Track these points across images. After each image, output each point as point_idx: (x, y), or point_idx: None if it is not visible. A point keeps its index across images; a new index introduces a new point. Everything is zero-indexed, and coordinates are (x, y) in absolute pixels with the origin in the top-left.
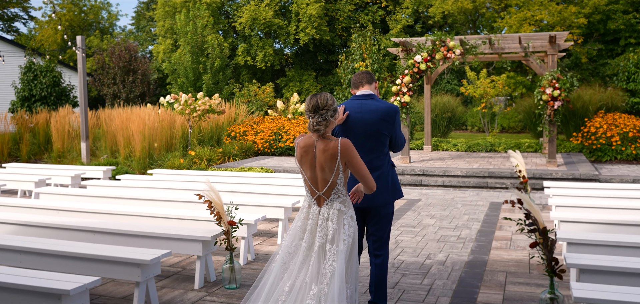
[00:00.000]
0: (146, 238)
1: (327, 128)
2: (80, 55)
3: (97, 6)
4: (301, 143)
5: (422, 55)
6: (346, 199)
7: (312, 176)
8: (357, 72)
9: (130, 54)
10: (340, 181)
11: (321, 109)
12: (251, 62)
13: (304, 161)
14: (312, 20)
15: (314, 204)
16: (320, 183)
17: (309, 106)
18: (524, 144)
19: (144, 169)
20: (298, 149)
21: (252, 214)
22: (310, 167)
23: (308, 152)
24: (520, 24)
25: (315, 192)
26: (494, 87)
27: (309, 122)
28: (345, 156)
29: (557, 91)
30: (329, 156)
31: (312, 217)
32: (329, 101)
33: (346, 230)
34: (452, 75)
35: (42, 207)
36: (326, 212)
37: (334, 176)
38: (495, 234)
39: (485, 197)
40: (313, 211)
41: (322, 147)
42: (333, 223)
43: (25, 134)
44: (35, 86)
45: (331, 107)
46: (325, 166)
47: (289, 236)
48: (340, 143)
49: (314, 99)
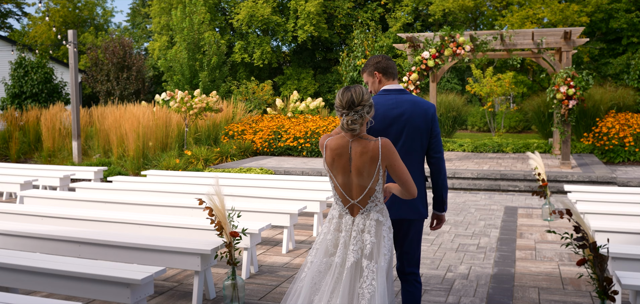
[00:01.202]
0: (138, 251)
1: (363, 127)
2: (72, 51)
3: (92, 2)
4: (332, 144)
5: (430, 51)
6: (384, 208)
7: (346, 182)
8: (385, 57)
9: (125, 50)
10: (379, 187)
11: (356, 105)
12: (248, 60)
13: (336, 165)
14: (311, 17)
15: (346, 213)
16: (355, 190)
17: (341, 102)
18: (532, 145)
19: (138, 170)
20: (328, 152)
21: (256, 222)
22: (344, 172)
23: (342, 156)
24: (521, 23)
25: (349, 201)
26: (500, 85)
27: (342, 120)
28: (388, 158)
29: (572, 89)
30: (368, 159)
31: (345, 229)
32: (364, 95)
33: (386, 243)
34: (452, 73)
35: (25, 213)
36: (361, 222)
37: (372, 182)
38: (516, 243)
39: (499, 200)
40: (346, 221)
41: (359, 149)
42: (371, 236)
43: (15, 132)
44: (25, 82)
45: (367, 103)
46: (364, 171)
47: (318, 251)
48: (381, 144)
49: (348, 93)
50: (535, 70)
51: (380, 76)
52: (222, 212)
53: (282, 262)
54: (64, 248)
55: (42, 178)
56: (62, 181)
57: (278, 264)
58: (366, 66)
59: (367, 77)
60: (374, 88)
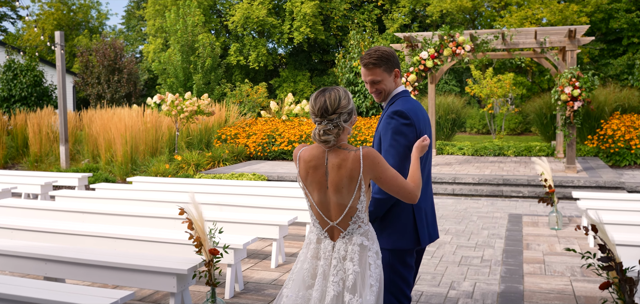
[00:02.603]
0: (109, 269)
1: (340, 137)
2: (59, 53)
3: (86, 5)
4: (305, 156)
5: (429, 51)
6: (369, 229)
7: (323, 200)
8: (392, 49)
9: (116, 53)
10: (362, 205)
11: (331, 113)
12: (244, 62)
13: (310, 180)
14: (307, 19)
15: (325, 237)
16: (333, 210)
17: (314, 108)
18: (534, 148)
19: (126, 175)
20: (301, 164)
21: (241, 236)
22: (320, 188)
23: (317, 169)
24: (520, 23)
25: (327, 222)
26: (500, 87)
27: (315, 129)
28: (372, 170)
29: (577, 90)
30: (347, 173)
31: (324, 256)
32: (342, 100)
33: (373, 272)
34: (451, 75)
35: None
36: (343, 248)
37: (353, 200)
38: (524, 255)
39: (502, 207)
40: (325, 247)
41: (337, 161)
42: (354, 264)
43: (2, 137)
44: (14, 85)
45: (345, 109)
46: (342, 187)
47: (294, 283)
48: (362, 155)
49: (322, 97)
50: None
51: (399, 74)
52: (201, 228)
53: (270, 278)
54: (29, 266)
55: (22, 186)
56: (43, 189)
57: (266, 280)
58: (380, 60)
59: (382, 73)
60: (388, 88)
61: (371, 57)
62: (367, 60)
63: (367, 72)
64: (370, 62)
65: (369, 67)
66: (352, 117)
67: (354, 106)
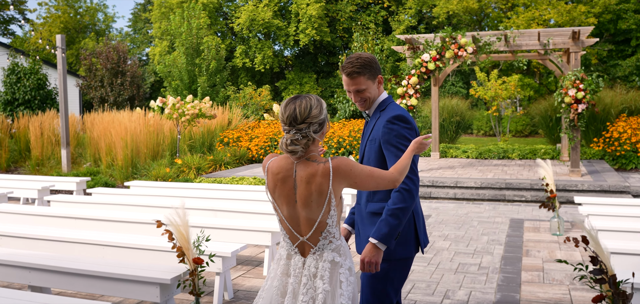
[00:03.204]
0: (93, 278)
1: (309, 149)
2: (60, 56)
3: (93, 8)
4: (273, 167)
5: (431, 53)
6: (341, 244)
7: (292, 215)
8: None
9: (119, 55)
10: (332, 219)
11: (300, 122)
12: (249, 65)
13: (278, 193)
14: (312, 21)
15: (296, 253)
16: (303, 225)
17: (283, 115)
18: (539, 151)
19: (127, 179)
20: (269, 176)
21: (230, 244)
22: (288, 201)
23: (285, 181)
24: (527, 24)
25: (297, 237)
26: (505, 89)
27: (282, 138)
28: (345, 180)
29: (581, 92)
30: (316, 187)
31: (294, 273)
32: (312, 109)
33: (344, 290)
34: (457, 76)
35: None
36: (314, 265)
37: (323, 214)
38: (522, 263)
39: (504, 212)
40: (295, 263)
41: (305, 174)
42: (324, 282)
43: (5, 140)
44: (18, 88)
45: (316, 119)
46: (311, 201)
47: (263, 302)
48: (332, 167)
49: (292, 105)
50: (542, 72)
51: (382, 81)
52: (186, 237)
53: (261, 285)
54: (13, 274)
55: (18, 190)
56: (40, 193)
57: (257, 288)
58: (363, 67)
59: (366, 81)
60: (373, 95)
61: (354, 66)
62: (349, 69)
63: (350, 82)
64: (353, 71)
65: (352, 76)
66: (323, 128)
67: (326, 117)
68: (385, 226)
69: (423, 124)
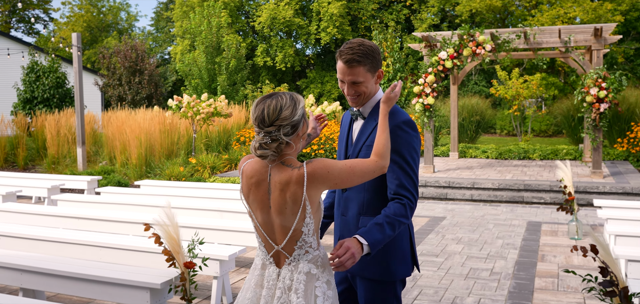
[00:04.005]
0: (84, 282)
1: (283, 152)
2: (76, 54)
3: (116, 7)
4: (248, 170)
5: (448, 51)
6: (319, 254)
7: (266, 222)
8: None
9: (137, 54)
10: (308, 228)
11: (268, 125)
12: (270, 63)
13: (252, 198)
14: (334, 19)
15: (271, 263)
16: (278, 232)
17: (252, 115)
18: (561, 151)
19: (140, 178)
20: (244, 179)
21: (229, 247)
22: (262, 207)
23: (259, 186)
24: (552, 22)
25: (273, 246)
26: (527, 87)
27: (253, 140)
28: (323, 184)
29: (603, 91)
30: (291, 194)
31: (267, 285)
32: (283, 110)
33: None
34: (480, 75)
35: None
36: (289, 277)
37: (297, 222)
38: (537, 268)
39: (521, 214)
40: (269, 274)
41: (279, 179)
42: (298, 296)
43: (23, 138)
44: (37, 87)
45: (287, 121)
46: (285, 208)
47: None
48: (307, 171)
49: (261, 105)
50: (567, 71)
51: (382, 75)
52: (176, 239)
53: None
54: (5, 276)
55: (28, 188)
56: (50, 192)
57: None
58: (365, 56)
59: (366, 73)
60: (369, 91)
61: (355, 53)
62: (349, 55)
63: (348, 70)
64: (353, 59)
65: (351, 64)
66: (297, 130)
67: (301, 117)
68: (380, 233)
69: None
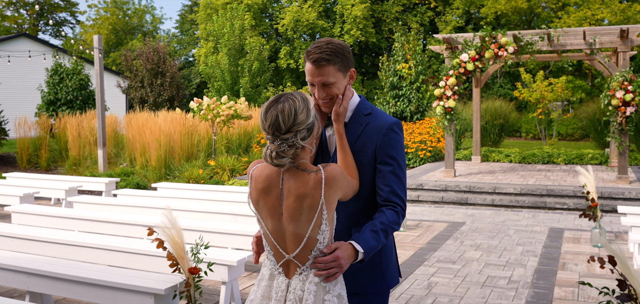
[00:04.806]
0: (88, 286)
1: (299, 155)
2: (97, 56)
3: (141, 10)
4: (258, 176)
5: (469, 53)
6: None
7: (277, 229)
8: (342, 42)
9: (159, 56)
10: (324, 236)
11: (285, 132)
12: (294, 65)
13: (262, 204)
14: (357, 21)
15: (280, 273)
16: (289, 241)
17: (264, 123)
18: (586, 155)
19: (159, 180)
20: (253, 185)
21: (239, 251)
22: (273, 214)
23: (270, 192)
24: (579, 24)
25: (283, 255)
26: (552, 90)
27: (266, 149)
28: (338, 190)
29: (629, 94)
30: (307, 200)
31: (275, 297)
32: (298, 114)
33: None
34: (506, 78)
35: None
36: (299, 288)
37: (312, 229)
38: (557, 277)
39: (543, 220)
40: (278, 285)
41: (294, 185)
42: None
43: (46, 140)
44: (61, 89)
45: (303, 125)
46: (300, 214)
47: None
48: (325, 175)
49: (273, 111)
50: (594, 74)
51: (354, 76)
52: (180, 244)
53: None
54: (12, 279)
55: (45, 190)
56: (67, 193)
57: None
58: (334, 55)
59: (336, 74)
60: (340, 93)
61: (323, 51)
62: (316, 55)
63: (316, 71)
64: (322, 58)
65: (320, 64)
66: (312, 132)
67: (314, 119)
68: (375, 239)
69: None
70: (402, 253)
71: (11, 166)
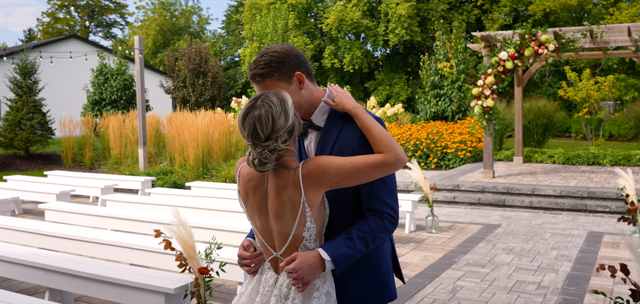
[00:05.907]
0: (103, 284)
1: (283, 156)
2: (138, 57)
3: (188, 10)
4: (244, 174)
5: (509, 51)
6: None
7: (265, 227)
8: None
9: (201, 57)
10: (310, 233)
11: (265, 140)
12: (338, 65)
13: (250, 202)
14: (402, 20)
15: (269, 268)
16: (277, 238)
17: (242, 131)
18: (634, 157)
19: (197, 179)
20: (241, 183)
21: None
22: (260, 213)
23: (256, 190)
24: (632, 20)
25: (271, 252)
26: (598, 89)
27: (248, 155)
28: (321, 184)
29: None
30: (288, 197)
31: (262, 291)
32: (276, 119)
33: None
34: (554, 77)
35: (19, 229)
36: (286, 284)
37: (297, 227)
38: (590, 283)
39: (583, 223)
40: (266, 279)
41: (275, 183)
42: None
43: (90, 139)
44: (105, 89)
45: (283, 129)
46: (283, 212)
47: None
48: (302, 174)
49: (250, 118)
50: None
51: (304, 78)
52: (190, 244)
53: None
54: (31, 274)
55: (82, 188)
56: (103, 191)
57: None
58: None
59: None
60: (297, 100)
61: (257, 66)
62: (252, 71)
63: (257, 87)
64: (256, 74)
65: (257, 81)
66: (293, 133)
67: (294, 119)
68: (349, 248)
69: (502, 127)
70: (429, 256)
71: (57, 165)
